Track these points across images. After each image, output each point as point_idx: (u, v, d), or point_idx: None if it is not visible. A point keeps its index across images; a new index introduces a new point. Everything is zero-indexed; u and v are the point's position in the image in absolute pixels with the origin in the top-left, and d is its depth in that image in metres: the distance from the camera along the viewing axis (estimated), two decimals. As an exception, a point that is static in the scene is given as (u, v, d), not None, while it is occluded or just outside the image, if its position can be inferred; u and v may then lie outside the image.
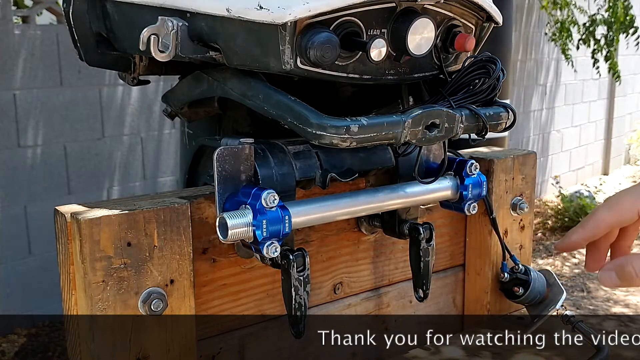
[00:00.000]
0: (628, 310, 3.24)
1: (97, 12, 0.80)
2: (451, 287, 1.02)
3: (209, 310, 0.77)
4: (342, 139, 0.64)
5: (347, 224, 0.88)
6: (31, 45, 2.61)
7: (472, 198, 0.83)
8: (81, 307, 0.66)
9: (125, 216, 0.65)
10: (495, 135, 0.74)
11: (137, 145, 2.96)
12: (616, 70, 4.34)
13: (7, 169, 2.60)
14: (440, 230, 0.99)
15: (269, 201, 0.65)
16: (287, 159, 0.73)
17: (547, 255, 3.99)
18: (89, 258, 0.63)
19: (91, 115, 2.79)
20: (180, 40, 0.68)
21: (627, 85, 6.45)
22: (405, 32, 0.67)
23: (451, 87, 0.74)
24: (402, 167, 0.82)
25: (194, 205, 0.72)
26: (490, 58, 0.74)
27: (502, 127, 0.76)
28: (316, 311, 0.87)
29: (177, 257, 0.68)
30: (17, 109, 2.59)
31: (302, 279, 0.71)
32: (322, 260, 0.87)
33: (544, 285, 0.98)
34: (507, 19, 1.37)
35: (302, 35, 0.63)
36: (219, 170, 0.68)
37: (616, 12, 4.18)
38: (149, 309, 0.66)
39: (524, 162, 1.00)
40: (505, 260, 0.99)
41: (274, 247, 0.66)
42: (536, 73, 5.09)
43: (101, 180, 2.87)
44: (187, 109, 0.82)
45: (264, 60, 0.65)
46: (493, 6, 0.77)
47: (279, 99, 0.67)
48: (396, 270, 0.95)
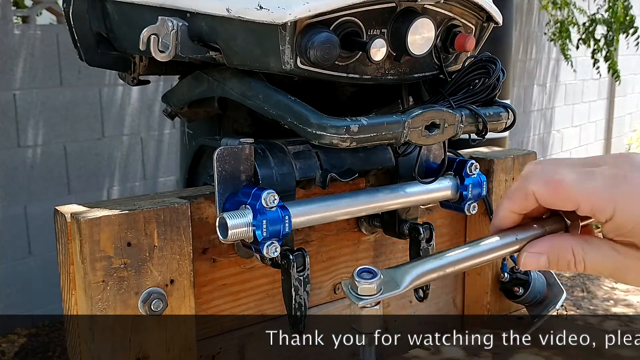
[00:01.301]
0: (628, 310, 3.24)
1: (97, 12, 0.80)
2: (451, 287, 1.02)
3: (209, 310, 0.77)
4: (342, 139, 0.64)
5: (347, 224, 0.88)
6: (31, 45, 2.61)
7: (472, 198, 0.83)
8: (81, 307, 0.66)
9: (125, 216, 0.65)
10: (495, 135, 0.75)
11: (137, 145, 2.96)
12: (616, 70, 4.34)
13: (7, 169, 2.60)
14: (440, 230, 0.99)
15: (269, 201, 0.65)
16: (287, 159, 0.73)
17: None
18: (89, 258, 0.63)
19: (91, 115, 2.79)
20: (180, 40, 0.68)
21: (627, 85, 6.45)
22: (405, 32, 0.67)
23: (451, 87, 0.74)
24: (402, 167, 0.82)
25: (194, 205, 0.72)
26: (490, 58, 0.74)
27: (502, 127, 0.76)
28: (316, 311, 0.87)
29: (177, 257, 0.68)
30: (17, 109, 2.59)
31: (302, 279, 0.71)
32: (322, 260, 0.87)
33: (544, 285, 0.98)
34: (507, 19, 1.37)
35: (302, 35, 0.63)
36: (219, 170, 0.68)
37: (616, 12, 4.18)
38: (149, 309, 0.66)
39: (524, 162, 1.00)
40: (505, 260, 0.99)
41: (274, 247, 0.66)
42: (536, 73, 5.09)
43: (101, 180, 2.87)
44: (187, 109, 0.82)
45: (264, 60, 0.65)
46: (493, 6, 0.77)
47: (279, 99, 0.67)
48: (396, 270, 0.95)
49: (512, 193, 0.51)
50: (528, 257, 0.50)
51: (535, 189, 0.48)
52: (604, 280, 3.60)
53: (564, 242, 0.49)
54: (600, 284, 3.57)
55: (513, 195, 0.50)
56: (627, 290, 3.46)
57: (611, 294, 3.42)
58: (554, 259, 0.50)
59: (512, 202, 0.50)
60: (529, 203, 0.50)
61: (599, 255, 0.49)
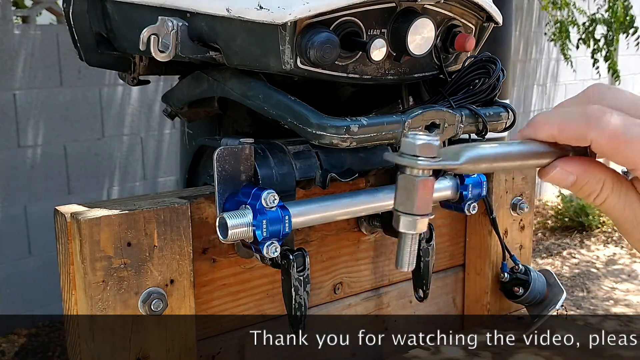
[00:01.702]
0: (628, 310, 3.24)
1: (97, 12, 0.80)
2: (451, 287, 1.02)
3: (209, 310, 0.77)
4: (342, 139, 0.64)
5: (347, 224, 0.88)
6: (31, 45, 2.61)
7: (472, 198, 0.83)
8: (81, 307, 0.66)
9: (125, 216, 0.65)
10: (495, 135, 0.75)
11: (137, 145, 2.96)
12: (616, 70, 4.34)
13: (7, 169, 2.60)
14: (440, 230, 0.99)
15: (269, 201, 0.65)
16: (287, 159, 0.73)
17: (547, 255, 3.99)
18: (89, 258, 0.63)
19: (91, 115, 2.79)
20: (180, 40, 0.68)
21: (627, 85, 6.45)
22: (405, 32, 0.67)
23: (451, 87, 0.74)
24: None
25: (194, 205, 0.72)
26: (490, 58, 0.75)
27: (502, 127, 0.76)
28: (316, 311, 0.87)
29: (177, 257, 0.68)
30: (17, 109, 2.59)
31: (302, 279, 0.71)
32: (322, 260, 0.87)
33: (544, 285, 0.98)
34: (507, 19, 1.37)
35: (302, 35, 0.63)
36: (219, 170, 0.68)
37: (616, 12, 4.18)
38: (149, 309, 0.66)
39: (524, 162, 1.00)
40: (505, 260, 0.99)
41: (274, 247, 0.66)
42: (536, 73, 5.09)
43: (101, 180, 2.87)
44: (187, 109, 0.82)
45: (264, 60, 0.65)
46: (493, 6, 0.77)
47: (279, 99, 0.67)
48: (396, 270, 0.95)
49: (564, 122, 0.47)
50: (558, 173, 0.48)
51: (596, 138, 0.45)
52: (604, 280, 3.60)
53: (598, 172, 0.48)
54: (600, 284, 3.57)
55: (565, 127, 0.47)
56: (627, 291, 3.46)
57: (611, 294, 3.42)
58: (580, 183, 0.48)
59: (561, 132, 0.47)
60: (576, 140, 0.46)
61: (622, 201, 0.48)
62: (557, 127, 0.47)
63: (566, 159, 0.48)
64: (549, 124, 0.47)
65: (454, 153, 0.46)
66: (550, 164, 0.48)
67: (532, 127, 0.49)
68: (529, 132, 0.49)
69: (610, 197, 0.48)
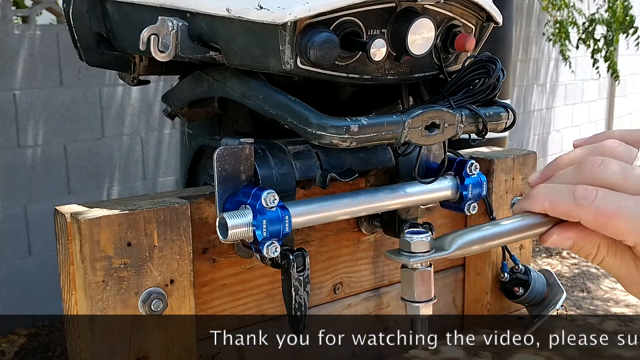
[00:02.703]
0: (628, 310, 3.24)
1: (97, 12, 0.80)
2: (451, 287, 1.02)
3: (209, 310, 0.77)
4: (342, 139, 0.64)
5: (347, 224, 0.88)
6: (31, 45, 2.61)
7: (472, 198, 0.83)
8: (81, 307, 0.66)
9: (125, 216, 0.65)
10: (495, 135, 0.75)
11: (137, 145, 2.96)
12: (615, 70, 4.34)
13: (7, 169, 2.60)
14: (440, 230, 0.99)
15: (269, 201, 0.65)
16: (287, 159, 0.73)
17: (547, 255, 3.99)
18: (89, 258, 0.63)
19: (91, 115, 2.79)
20: (180, 40, 0.68)
21: (627, 85, 6.45)
22: (405, 32, 0.67)
23: (451, 87, 0.74)
24: (402, 167, 0.82)
25: (194, 205, 0.72)
26: (490, 58, 0.74)
27: (502, 127, 0.76)
28: (316, 311, 0.87)
29: (177, 257, 0.68)
30: (17, 109, 2.59)
31: (302, 279, 0.71)
32: (322, 260, 0.87)
33: (544, 285, 0.98)
34: (507, 19, 1.37)
35: (302, 35, 0.63)
36: (219, 170, 0.68)
37: (615, 12, 4.18)
38: (149, 309, 0.66)
39: (524, 162, 1.00)
40: (505, 260, 0.99)
41: (274, 247, 0.66)
42: (536, 73, 5.09)
43: (101, 180, 2.87)
44: (187, 109, 0.82)
45: (264, 60, 0.65)
46: (493, 6, 0.77)
47: (279, 99, 0.67)
48: (396, 270, 0.95)
49: (555, 201, 0.51)
50: (556, 239, 0.52)
51: (585, 217, 0.49)
52: (604, 280, 3.60)
53: (594, 236, 0.51)
54: (600, 284, 3.57)
55: (555, 205, 0.51)
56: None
57: (611, 294, 3.42)
58: (577, 247, 0.52)
59: (552, 209, 0.51)
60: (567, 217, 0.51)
61: (617, 261, 0.52)
62: (549, 204, 0.51)
63: (563, 225, 0.52)
64: (541, 201, 0.52)
65: (445, 243, 0.53)
66: (548, 230, 0.53)
67: (527, 201, 0.53)
68: (525, 205, 0.54)
69: (607, 258, 0.52)
